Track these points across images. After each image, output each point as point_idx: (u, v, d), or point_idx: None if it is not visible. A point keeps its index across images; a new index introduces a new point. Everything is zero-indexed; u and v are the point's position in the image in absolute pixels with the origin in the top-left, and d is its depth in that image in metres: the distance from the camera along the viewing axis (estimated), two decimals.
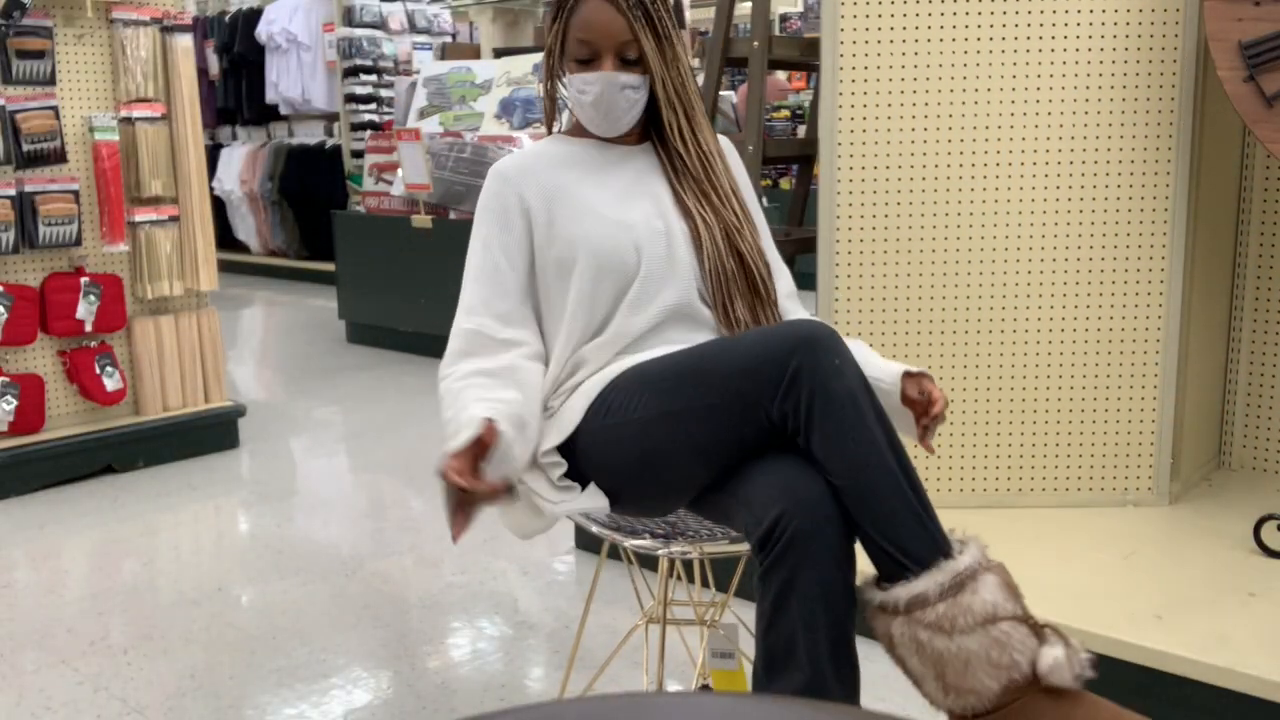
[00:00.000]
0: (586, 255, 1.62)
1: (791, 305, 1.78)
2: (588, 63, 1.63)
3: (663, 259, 1.63)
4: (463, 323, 1.64)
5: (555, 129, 1.79)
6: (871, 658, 1.54)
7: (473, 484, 1.32)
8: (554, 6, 1.67)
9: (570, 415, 1.57)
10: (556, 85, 1.72)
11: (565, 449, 1.58)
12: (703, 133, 1.72)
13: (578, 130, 1.76)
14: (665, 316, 1.63)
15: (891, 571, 1.38)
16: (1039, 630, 1.35)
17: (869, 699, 1.79)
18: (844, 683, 1.37)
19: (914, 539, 1.36)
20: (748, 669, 2.05)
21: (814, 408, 1.36)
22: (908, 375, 1.61)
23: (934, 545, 1.37)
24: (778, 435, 1.42)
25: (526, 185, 1.66)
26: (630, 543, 1.63)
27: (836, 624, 1.35)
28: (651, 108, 1.70)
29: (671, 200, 1.69)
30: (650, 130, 1.75)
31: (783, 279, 1.79)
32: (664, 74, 1.65)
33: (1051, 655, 1.32)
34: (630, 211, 1.65)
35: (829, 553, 1.35)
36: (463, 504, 1.34)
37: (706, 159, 1.71)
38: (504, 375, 1.58)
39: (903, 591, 1.35)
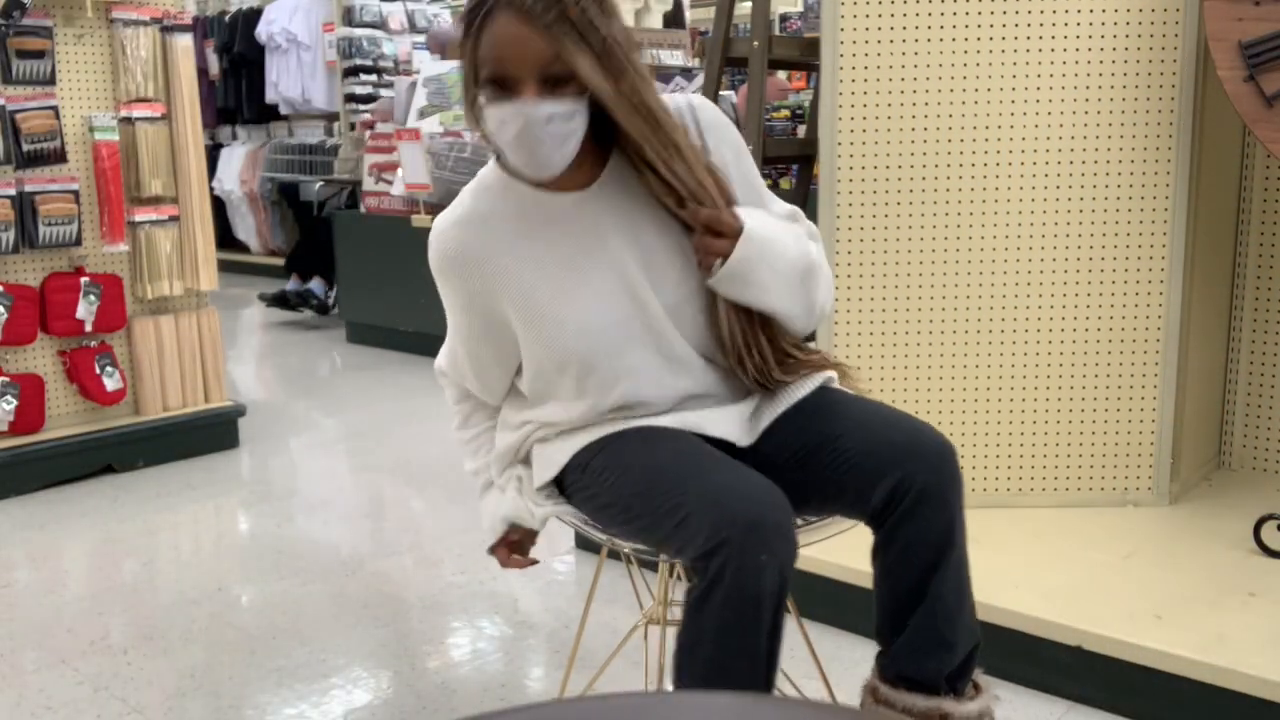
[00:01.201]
0: (555, 366, 1.50)
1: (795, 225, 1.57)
2: (505, 89, 1.34)
3: (646, 341, 1.48)
4: (442, 362, 1.72)
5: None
6: (867, 659, 1.54)
7: (522, 564, 1.74)
8: (464, 20, 1.37)
9: (556, 458, 1.57)
10: (476, 123, 1.43)
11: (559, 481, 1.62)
12: (680, 138, 1.42)
13: None
14: (660, 378, 1.52)
15: (938, 659, 1.47)
16: None
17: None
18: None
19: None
20: None
21: (718, 589, 1.29)
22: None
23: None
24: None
25: (473, 277, 1.49)
26: (630, 545, 1.63)
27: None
28: (602, 126, 1.42)
29: (646, 255, 1.47)
30: (611, 153, 1.49)
31: (773, 206, 1.57)
32: (612, 89, 1.34)
33: None
34: (594, 307, 1.45)
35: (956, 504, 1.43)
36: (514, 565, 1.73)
37: (685, 156, 1.42)
38: (482, 416, 1.76)
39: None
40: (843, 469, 1.45)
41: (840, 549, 1.70)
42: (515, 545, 1.69)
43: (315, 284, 6.33)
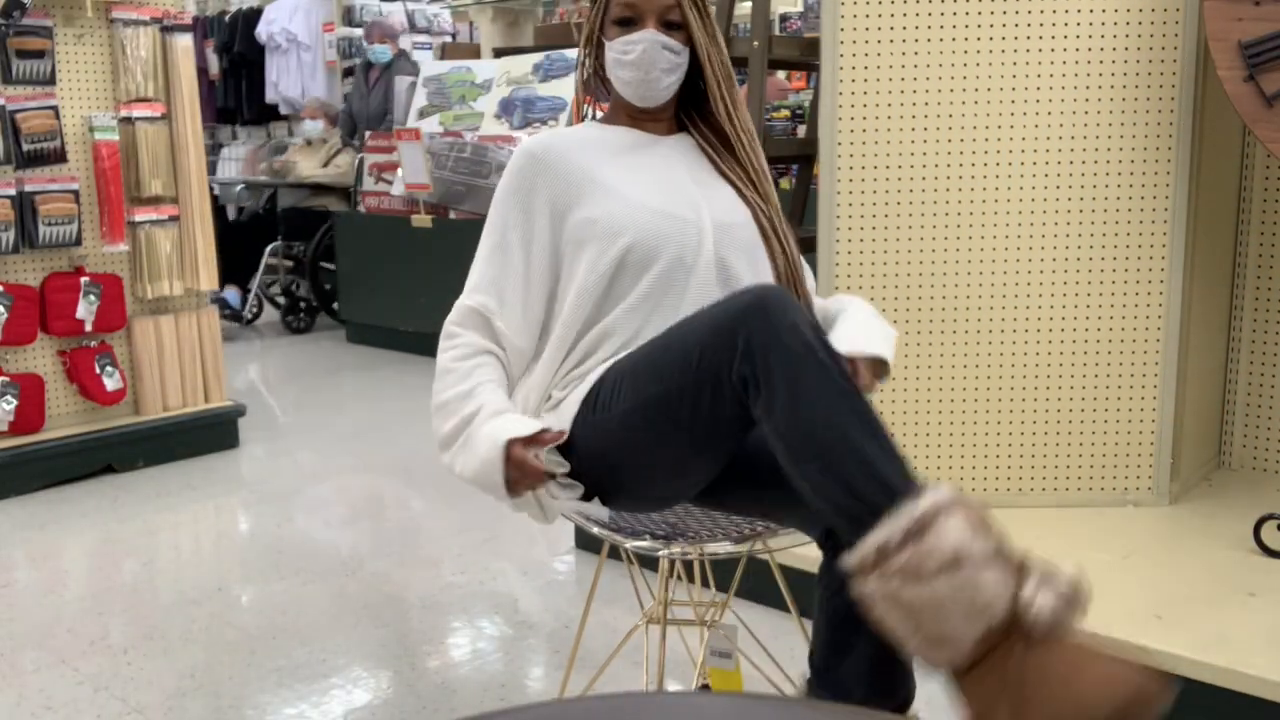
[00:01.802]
0: (609, 238, 1.59)
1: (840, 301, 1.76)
2: (630, 25, 1.65)
3: (689, 248, 1.60)
4: (465, 300, 1.64)
5: (590, 115, 1.79)
6: None
7: (539, 473, 1.48)
8: None
9: (567, 412, 1.56)
10: (594, 65, 1.72)
11: (565, 447, 1.57)
12: (743, 110, 1.72)
13: (612, 118, 1.76)
14: (672, 312, 1.59)
15: (859, 530, 1.26)
16: (1019, 568, 1.24)
17: None
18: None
19: (882, 483, 1.26)
20: (746, 669, 2.05)
21: (770, 365, 1.30)
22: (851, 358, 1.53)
23: (893, 490, 1.25)
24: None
25: (553, 167, 1.64)
26: (631, 544, 1.63)
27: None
28: (688, 89, 1.71)
29: (707, 189, 1.67)
30: (684, 117, 1.75)
31: (809, 276, 1.76)
32: (707, 45, 1.67)
33: (1027, 594, 1.21)
34: (656, 198, 1.63)
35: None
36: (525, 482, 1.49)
37: (748, 137, 1.71)
38: (494, 358, 1.63)
39: (869, 542, 1.23)
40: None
41: None
42: (519, 463, 1.48)
43: (230, 293, 6.27)
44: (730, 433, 1.41)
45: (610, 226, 1.59)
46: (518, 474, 1.47)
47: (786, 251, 1.68)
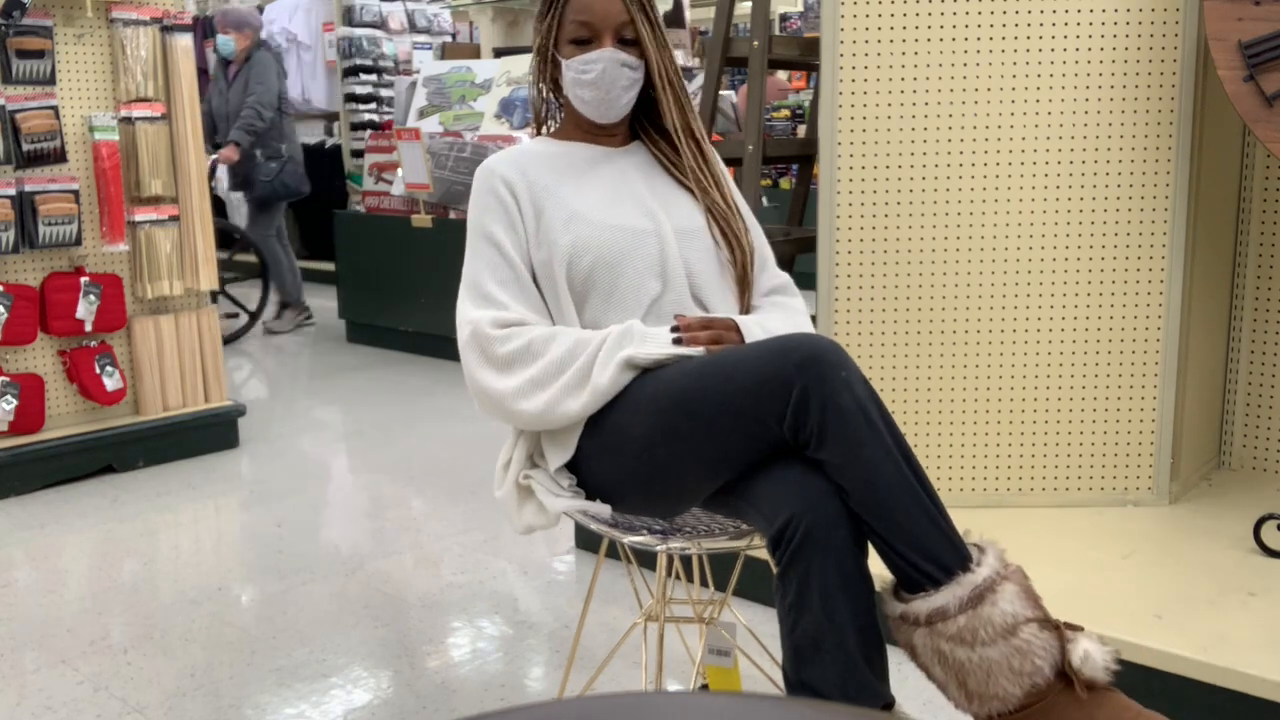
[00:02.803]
0: (572, 260, 1.62)
1: (783, 299, 1.78)
2: (586, 44, 1.67)
3: (653, 259, 1.64)
4: (483, 313, 1.62)
5: (545, 129, 1.81)
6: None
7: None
8: (545, 1, 1.72)
9: (571, 434, 1.58)
10: (547, 81, 1.75)
11: (571, 464, 1.62)
12: (693, 114, 1.75)
13: (566, 132, 1.79)
14: (654, 319, 1.63)
15: (911, 581, 1.39)
16: (1060, 631, 1.37)
17: None
18: (874, 666, 1.37)
19: (932, 549, 1.37)
20: (744, 666, 2.05)
21: (826, 423, 1.36)
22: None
23: (953, 555, 1.37)
24: (786, 446, 1.42)
25: (516, 184, 1.68)
26: (629, 539, 1.63)
27: (859, 612, 1.36)
28: (641, 103, 1.74)
29: (664, 198, 1.71)
30: (637, 127, 1.79)
31: (768, 272, 1.80)
32: (657, 56, 1.69)
33: (1081, 648, 1.34)
34: (616, 214, 1.66)
35: (843, 544, 1.36)
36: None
37: (700, 145, 1.75)
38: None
39: (923, 605, 1.36)
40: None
41: None
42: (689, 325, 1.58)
43: None
44: (750, 463, 1.45)
45: (573, 248, 1.62)
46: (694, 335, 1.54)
47: (742, 249, 1.72)
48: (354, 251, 5.63)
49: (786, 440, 1.40)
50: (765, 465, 1.43)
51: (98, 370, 3.53)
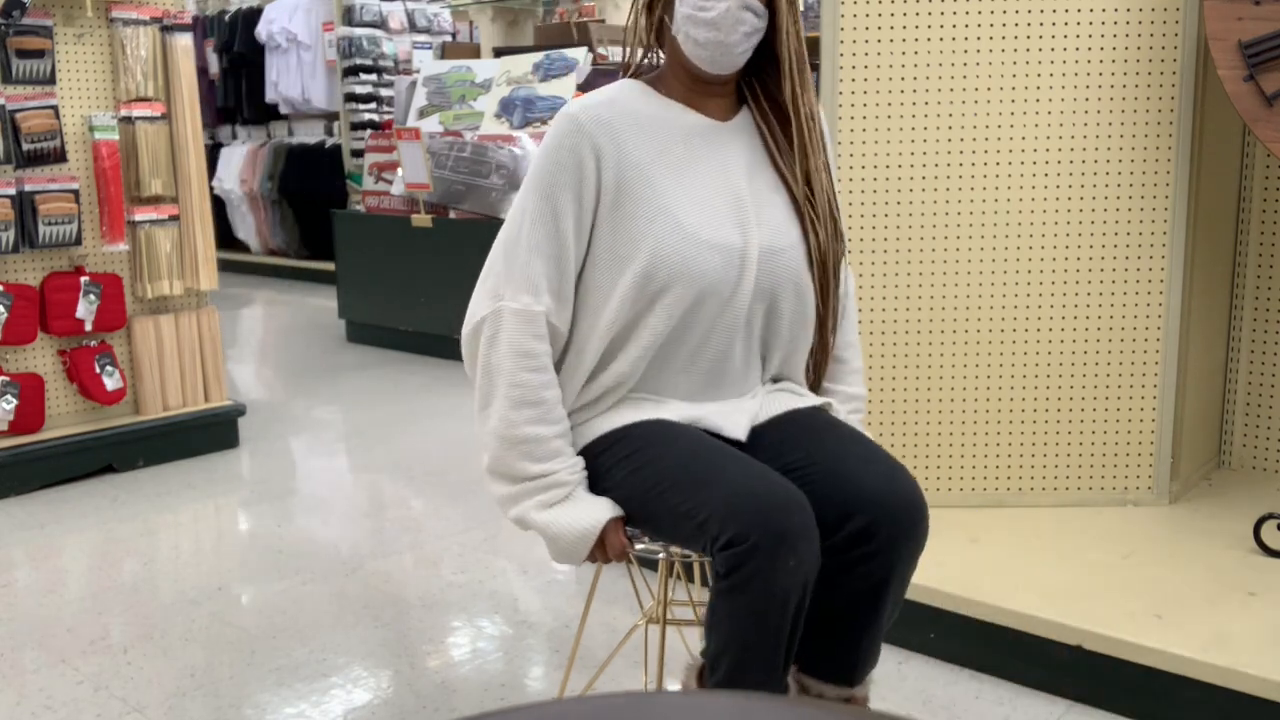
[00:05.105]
0: (649, 269, 1.48)
1: (849, 355, 1.72)
2: None
3: (730, 283, 1.51)
4: (533, 304, 1.48)
5: (639, 73, 1.60)
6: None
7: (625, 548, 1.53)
8: None
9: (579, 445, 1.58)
10: (650, 21, 1.54)
11: None
12: (811, 92, 1.56)
13: (667, 84, 1.56)
14: (702, 357, 1.56)
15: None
16: None
17: (872, 699, 1.78)
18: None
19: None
20: None
21: (749, 570, 1.35)
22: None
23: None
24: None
25: (605, 146, 1.48)
26: (636, 546, 1.63)
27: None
28: (752, 59, 1.54)
29: (760, 200, 1.55)
30: (747, 93, 1.59)
31: (847, 322, 1.70)
32: (788, 14, 1.50)
33: None
34: (708, 225, 1.50)
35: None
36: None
37: (811, 125, 1.56)
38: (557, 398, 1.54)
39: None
40: (813, 492, 1.45)
41: None
42: (603, 546, 1.52)
43: None
44: None
45: (653, 256, 1.48)
46: (606, 552, 1.50)
47: (828, 290, 1.59)
48: (354, 251, 5.63)
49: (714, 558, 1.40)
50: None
51: (98, 370, 3.53)
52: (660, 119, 1.53)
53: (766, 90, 1.57)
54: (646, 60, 1.61)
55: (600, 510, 1.49)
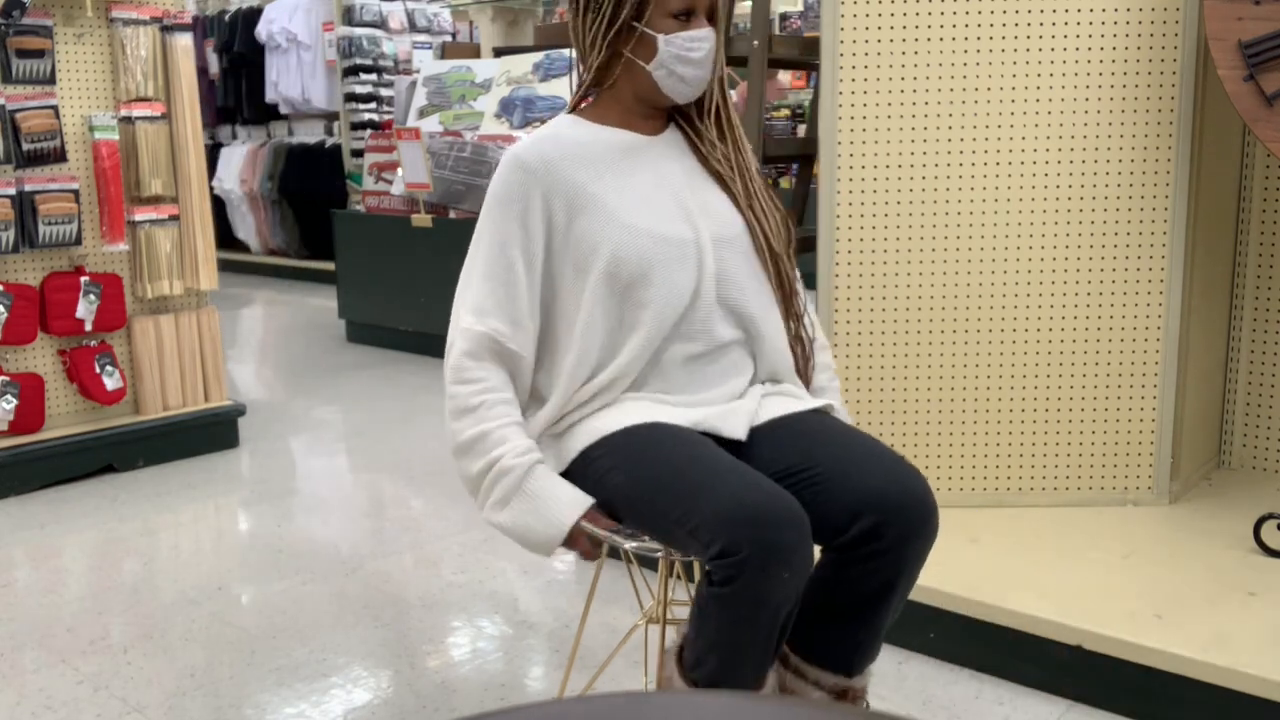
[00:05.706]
0: (610, 268, 1.54)
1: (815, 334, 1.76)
2: (687, 19, 1.56)
3: (691, 272, 1.57)
4: (474, 324, 1.56)
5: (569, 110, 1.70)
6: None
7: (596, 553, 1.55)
8: None
9: (569, 450, 1.58)
10: (600, 54, 1.59)
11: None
12: (729, 95, 1.68)
13: (604, 112, 1.66)
14: (684, 328, 1.59)
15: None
16: None
17: (872, 699, 1.78)
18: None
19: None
20: None
21: (744, 582, 1.36)
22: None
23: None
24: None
25: (546, 182, 1.56)
26: (630, 544, 1.63)
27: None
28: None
29: (701, 196, 1.63)
30: (673, 111, 1.68)
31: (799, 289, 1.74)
32: (722, 33, 1.62)
33: None
34: (657, 221, 1.57)
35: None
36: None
37: (734, 126, 1.67)
38: (514, 401, 1.58)
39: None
40: (819, 495, 1.46)
41: None
42: (578, 539, 1.54)
43: None
44: None
45: (613, 257, 1.54)
46: (584, 545, 1.52)
47: (782, 272, 1.66)
48: (354, 251, 5.63)
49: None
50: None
51: (98, 370, 3.53)
52: (599, 141, 1.62)
53: (695, 105, 1.66)
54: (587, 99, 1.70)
55: (564, 510, 1.50)
